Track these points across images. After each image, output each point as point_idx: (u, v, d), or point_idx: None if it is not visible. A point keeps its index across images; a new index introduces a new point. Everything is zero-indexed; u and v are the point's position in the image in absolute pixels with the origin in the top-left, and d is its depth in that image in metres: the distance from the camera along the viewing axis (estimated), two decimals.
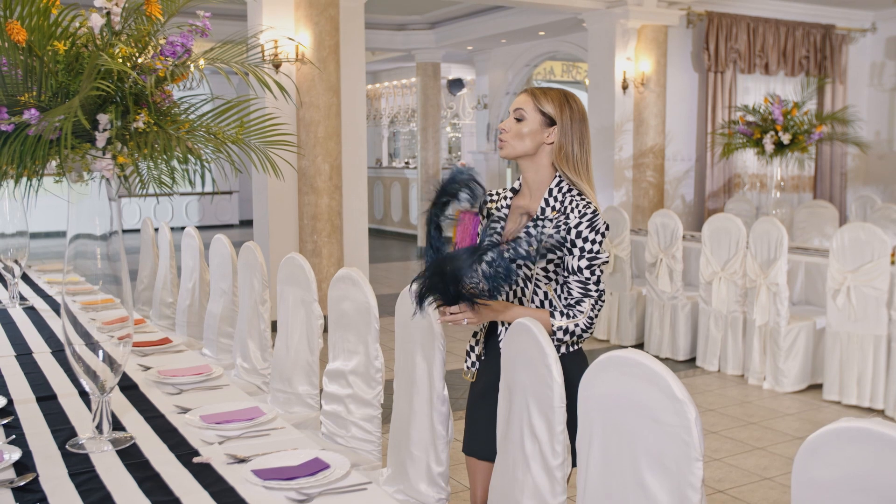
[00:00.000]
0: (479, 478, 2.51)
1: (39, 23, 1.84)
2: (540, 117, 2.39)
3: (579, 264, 2.32)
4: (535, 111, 2.39)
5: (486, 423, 2.44)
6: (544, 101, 2.40)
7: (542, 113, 2.39)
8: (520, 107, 2.41)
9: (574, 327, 2.32)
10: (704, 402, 5.25)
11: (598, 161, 9.37)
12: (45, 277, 4.63)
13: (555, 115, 2.39)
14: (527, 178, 2.47)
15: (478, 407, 2.51)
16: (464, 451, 2.57)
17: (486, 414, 2.44)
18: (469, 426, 2.55)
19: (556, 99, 2.41)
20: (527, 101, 2.41)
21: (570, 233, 2.33)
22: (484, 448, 2.45)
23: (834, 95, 10.49)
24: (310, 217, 7.11)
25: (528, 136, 2.39)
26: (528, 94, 2.43)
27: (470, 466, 2.55)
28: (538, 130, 2.40)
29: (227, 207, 16.58)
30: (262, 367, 3.41)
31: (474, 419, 2.53)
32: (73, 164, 1.90)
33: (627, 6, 8.73)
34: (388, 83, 17.21)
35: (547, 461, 2.02)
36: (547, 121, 2.40)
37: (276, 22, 6.88)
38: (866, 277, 5.01)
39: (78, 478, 1.84)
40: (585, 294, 2.33)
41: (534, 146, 2.40)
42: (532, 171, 2.44)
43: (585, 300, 2.33)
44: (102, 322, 2.07)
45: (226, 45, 2.21)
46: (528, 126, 2.39)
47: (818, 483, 1.36)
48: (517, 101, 2.44)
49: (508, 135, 2.41)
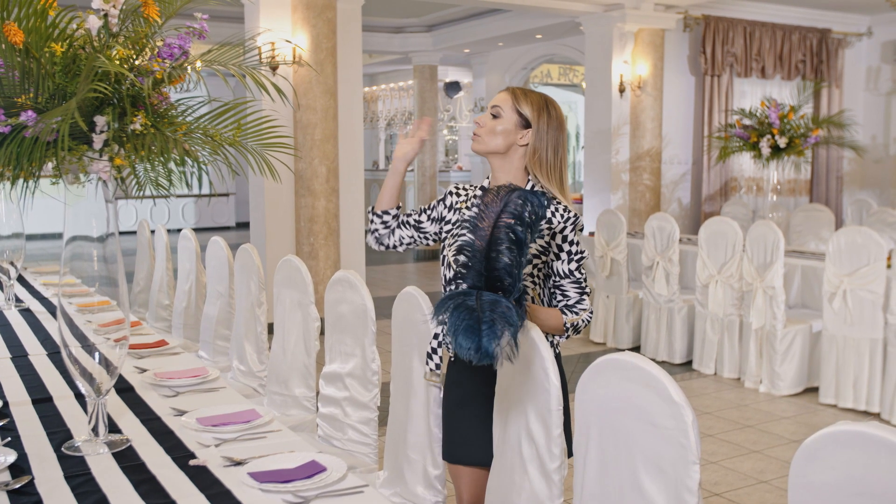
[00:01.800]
0: (465, 483, 2.45)
1: (36, 24, 1.84)
2: (516, 117, 2.38)
3: (570, 267, 2.34)
4: (512, 111, 2.38)
5: (470, 428, 2.40)
6: (523, 103, 2.39)
7: (519, 114, 2.38)
8: (498, 104, 2.40)
9: (581, 322, 2.35)
10: (701, 406, 5.25)
11: (595, 164, 9.39)
12: (41, 279, 4.62)
13: (531, 118, 2.38)
14: (497, 177, 2.44)
15: (460, 415, 2.44)
16: (446, 459, 2.49)
17: (470, 420, 2.40)
18: (450, 433, 2.47)
19: (536, 102, 2.40)
20: (506, 99, 2.40)
21: (554, 237, 2.33)
22: (471, 453, 2.41)
23: (830, 99, 10.52)
24: (307, 219, 7.11)
25: (502, 134, 2.38)
26: (508, 93, 2.42)
27: (454, 473, 2.48)
28: (512, 130, 2.38)
29: (224, 210, 16.57)
30: (259, 369, 3.41)
31: (456, 426, 2.45)
32: (69, 166, 1.89)
33: (624, 10, 8.75)
34: (385, 86, 17.22)
35: (544, 464, 2.02)
36: (522, 122, 2.38)
37: (273, 24, 6.88)
38: (862, 281, 5.01)
39: (74, 480, 1.84)
40: (582, 292, 2.36)
41: (505, 145, 2.39)
42: (503, 171, 2.42)
43: (584, 297, 2.37)
44: (99, 324, 2.07)
45: (223, 47, 2.21)
46: (503, 124, 2.38)
47: (815, 487, 1.36)
48: (496, 98, 2.42)
49: (482, 129, 2.40)
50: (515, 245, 1.99)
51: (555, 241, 2.33)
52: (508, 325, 1.90)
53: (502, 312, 1.92)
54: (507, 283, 1.98)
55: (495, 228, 1.98)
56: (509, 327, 1.90)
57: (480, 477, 2.42)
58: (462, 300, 1.94)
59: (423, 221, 2.53)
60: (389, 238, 2.56)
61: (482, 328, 1.89)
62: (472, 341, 1.88)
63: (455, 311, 1.92)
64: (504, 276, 1.97)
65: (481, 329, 1.89)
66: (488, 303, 1.93)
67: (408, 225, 2.54)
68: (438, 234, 2.53)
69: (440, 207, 2.51)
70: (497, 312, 1.92)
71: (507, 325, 1.90)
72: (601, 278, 6.80)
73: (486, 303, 1.92)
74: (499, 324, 1.89)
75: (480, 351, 1.87)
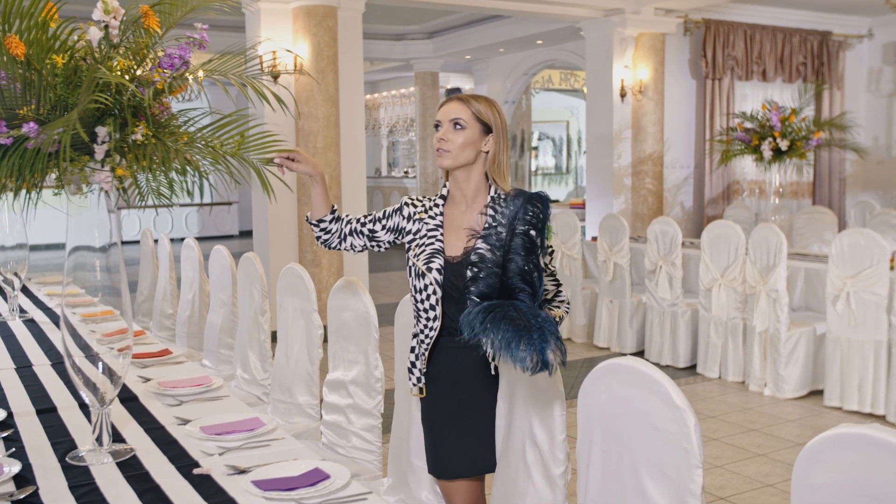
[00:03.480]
0: (462, 496, 2.39)
1: (38, 36, 1.85)
2: (479, 125, 2.35)
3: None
4: (473, 119, 2.34)
5: (472, 439, 2.36)
6: (481, 109, 2.36)
7: (480, 121, 2.35)
8: (458, 116, 2.34)
9: (565, 314, 2.35)
10: (705, 409, 5.24)
11: (597, 169, 9.40)
12: (44, 290, 4.64)
13: (492, 123, 2.36)
14: (461, 186, 2.40)
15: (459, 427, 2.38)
16: (442, 477, 2.41)
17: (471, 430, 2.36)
18: (440, 449, 2.40)
19: (490, 106, 2.38)
20: (463, 109, 2.35)
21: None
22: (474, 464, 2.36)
23: (832, 101, 10.52)
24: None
25: (471, 144, 2.34)
26: (461, 103, 2.37)
27: (448, 488, 2.41)
28: (478, 139, 2.35)
29: (227, 218, 16.59)
30: (262, 377, 3.41)
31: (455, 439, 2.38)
32: (71, 177, 1.90)
33: (625, 14, 8.76)
34: (386, 93, 17.24)
35: (549, 469, 2.02)
36: (484, 128, 2.36)
37: (274, 33, 6.90)
38: (866, 283, 5.01)
39: (78, 490, 1.84)
40: (557, 285, 2.37)
41: (474, 155, 2.36)
42: (466, 181, 2.39)
43: (560, 290, 2.37)
44: (102, 334, 2.08)
45: (224, 56, 2.22)
46: (468, 135, 2.34)
47: (818, 489, 1.36)
48: (451, 110, 2.36)
49: (450, 144, 2.34)
50: (531, 250, 2.01)
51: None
52: (553, 331, 1.91)
53: (546, 318, 1.94)
54: (528, 289, 1.99)
55: (514, 236, 2.01)
56: (553, 333, 1.91)
57: (476, 487, 2.40)
58: (503, 312, 1.93)
59: (378, 231, 2.48)
60: (341, 244, 2.52)
61: (534, 337, 1.89)
62: (530, 351, 1.87)
63: (497, 324, 1.92)
64: (517, 282, 1.99)
65: (533, 338, 1.89)
66: (530, 312, 1.93)
67: (360, 234, 2.49)
68: (393, 242, 2.51)
69: (396, 218, 2.46)
70: (541, 319, 1.93)
71: (551, 331, 1.91)
72: (604, 283, 6.79)
73: (528, 312, 1.93)
74: (546, 331, 1.90)
75: (542, 360, 1.87)
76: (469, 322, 1.97)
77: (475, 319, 1.95)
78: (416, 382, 2.42)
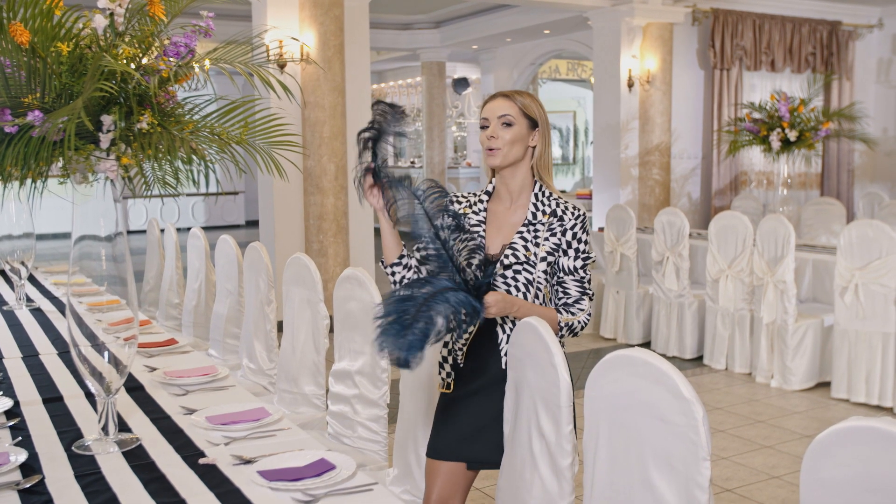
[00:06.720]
0: (439, 480, 2.40)
1: (43, 24, 1.84)
2: (526, 121, 2.36)
3: (575, 264, 2.35)
4: (520, 115, 2.36)
5: (456, 425, 2.39)
6: (527, 103, 2.37)
7: (527, 116, 2.36)
8: (506, 112, 2.35)
9: (577, 324, 2.35)
10: (712, 401, 5.23)
11: (604, 159, 9.37)
12: (51, 279, 4.64)
13: (537, 117, 2.38)
14: (507, 183, 2.41)
15: (451, 411, 2.41)
16: (427, 454, 2.45)
17: (459, 416, 2.39)
18: (437, 428, 2.44)
19: (534, 100, 2.39)
20: (510, 105, 2.36)
21: (565, 234, 2.35)
22: (449, 450, 2.39)
23: (841, 92, 10.45)
24: (315, 217, 7.11)
25: (519, 141, 2.36)
26: (507, 99, 2.38)
27: (431, 469, 2.43)
28: (525, 135, 2.37)
29: (233, 208, 16.60)
30: (268, 367, 3.41)
31: (444, 421, 2.43)
32: (77, 166, 1.90)
33: (633, 4, 8.71)
34: (393, 83, 17.21)
35: (556, 461, 2.01)
36: (531, 124, 2.37)
37: (280, 22, 6.88)
38: (874, 275, 4.98)
39: (84, 479, 1.84)
40: (583, 292, 2.37)
41: (523, 151, 2.38)
42: (512, 177, 2.40)
43: (584, 298, 2.37)
44: (108, 323, 2.07)
45: (230, 45, 2.21)
46: (516, 131, 2.35)
47: (827, 483, 1.35)
48: (499, 107, 2.37)
49: (500, 142, 2.34)
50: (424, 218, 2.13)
51: (565, 237, 2.35)
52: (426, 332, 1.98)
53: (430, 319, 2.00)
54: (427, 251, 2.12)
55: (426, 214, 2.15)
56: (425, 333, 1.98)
57: (459, 476, 2.40)
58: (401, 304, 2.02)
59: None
60: (419, 271, 2.42)
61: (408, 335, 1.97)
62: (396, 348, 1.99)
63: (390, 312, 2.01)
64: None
65: (406, 336, 1.97)
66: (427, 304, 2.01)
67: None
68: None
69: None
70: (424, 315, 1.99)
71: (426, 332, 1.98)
72: (611, 274, 6.78)
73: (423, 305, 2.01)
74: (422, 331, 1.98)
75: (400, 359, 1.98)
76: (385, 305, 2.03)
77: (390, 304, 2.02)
78: (444, 378, 2.43)
